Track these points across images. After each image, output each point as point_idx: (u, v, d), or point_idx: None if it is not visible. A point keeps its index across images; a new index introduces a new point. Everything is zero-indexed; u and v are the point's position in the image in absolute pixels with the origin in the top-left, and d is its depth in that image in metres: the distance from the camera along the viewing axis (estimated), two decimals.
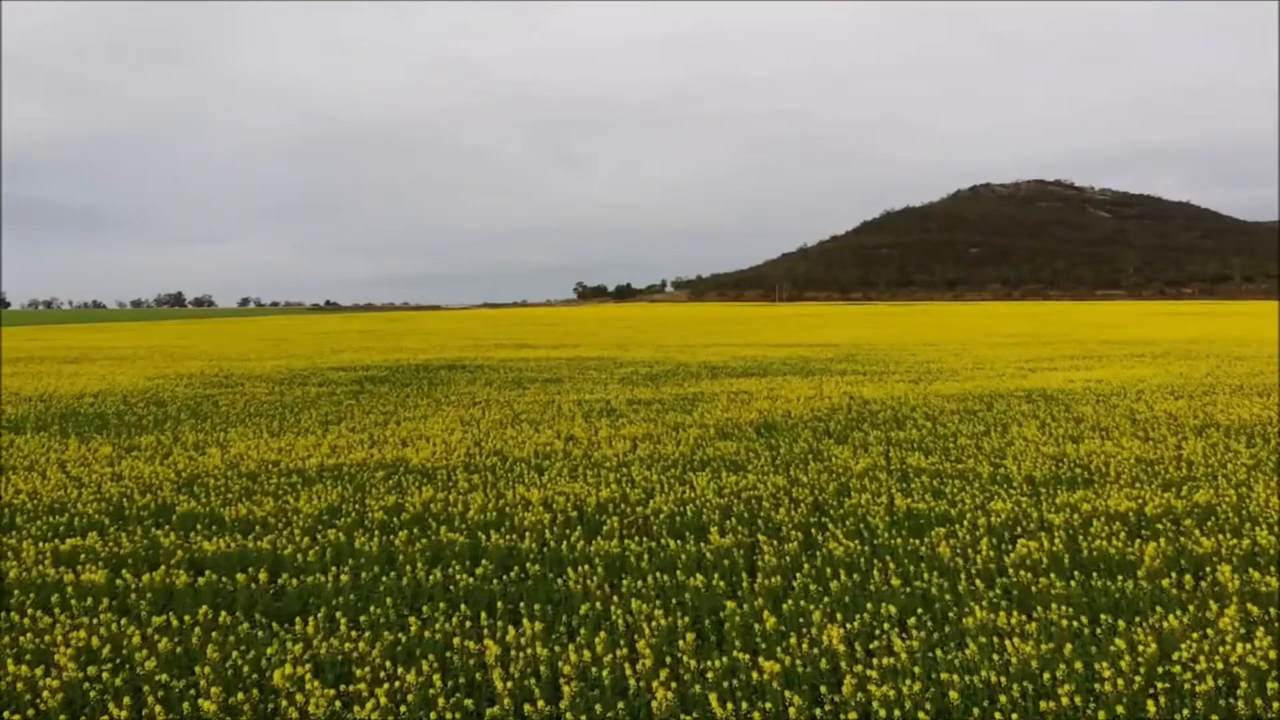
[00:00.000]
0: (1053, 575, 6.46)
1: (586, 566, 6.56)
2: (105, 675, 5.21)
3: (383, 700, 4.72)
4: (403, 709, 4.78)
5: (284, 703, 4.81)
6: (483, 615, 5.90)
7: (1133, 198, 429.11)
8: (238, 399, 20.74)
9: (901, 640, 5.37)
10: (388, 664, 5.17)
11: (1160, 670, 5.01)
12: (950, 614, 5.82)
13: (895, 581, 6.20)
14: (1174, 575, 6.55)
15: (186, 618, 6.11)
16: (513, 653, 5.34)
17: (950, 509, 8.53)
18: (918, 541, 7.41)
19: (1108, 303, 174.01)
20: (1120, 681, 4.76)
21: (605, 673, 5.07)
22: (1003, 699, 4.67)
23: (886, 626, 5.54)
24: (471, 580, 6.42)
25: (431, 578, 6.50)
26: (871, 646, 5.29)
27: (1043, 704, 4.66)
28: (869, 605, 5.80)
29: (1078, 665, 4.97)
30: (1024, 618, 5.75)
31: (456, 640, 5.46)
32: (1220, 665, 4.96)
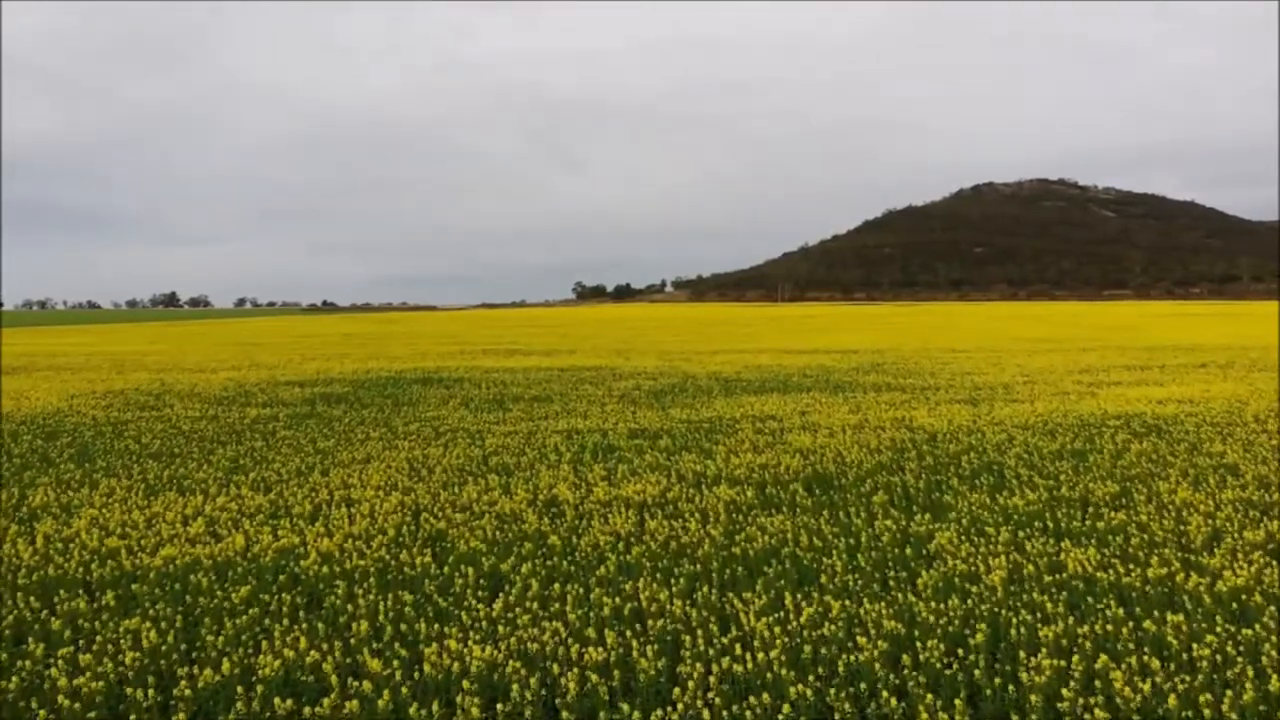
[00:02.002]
0: None
1: None
2: None
3: None
4: None
5: None
6: None
7: (1137, 197, 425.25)
8: (151, 428, 16.92)
9: None
10: None
11: None
12: None
13: None
14: None
15: None
16: None
17: (1204, 696, 4.70)
18: None
19: (1119, 303, 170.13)
20: None
21: None
22: None
23: None
24: None
25: None
26: None
27: None
28: None
29: None
30: None
31: None
32: None
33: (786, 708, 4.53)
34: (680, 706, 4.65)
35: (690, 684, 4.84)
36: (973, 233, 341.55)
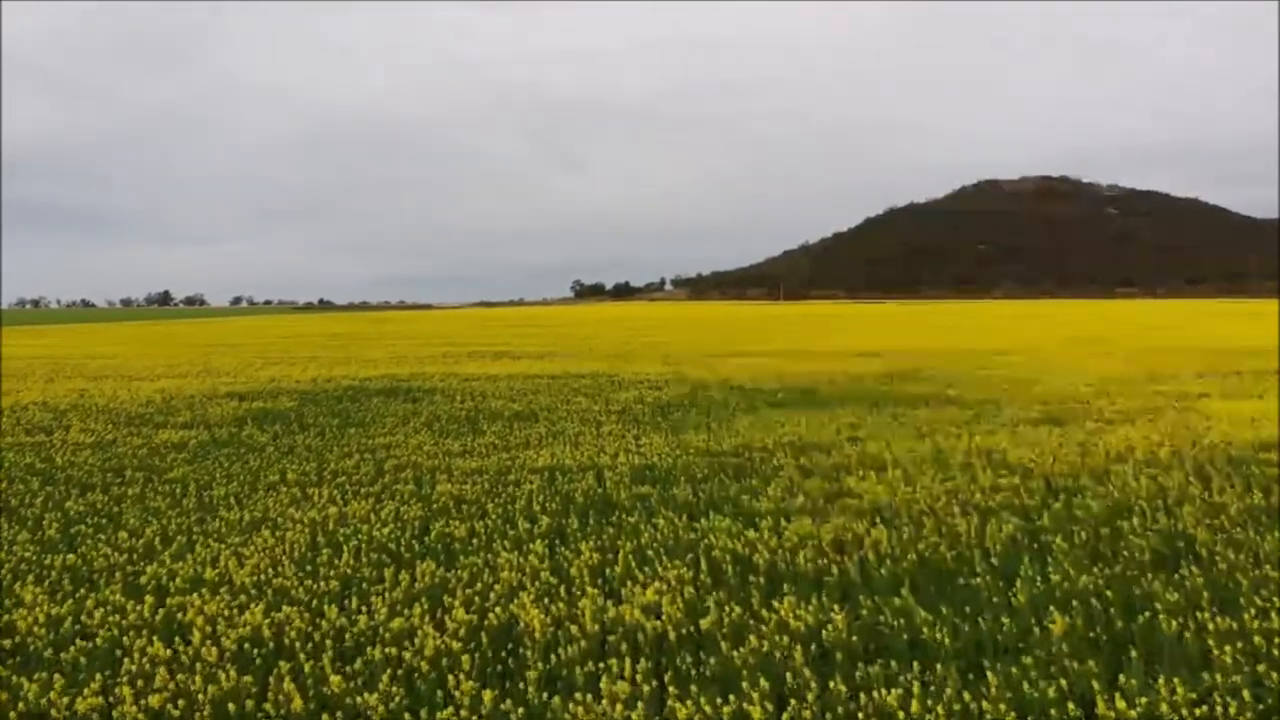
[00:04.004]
0: None
1: None
2: None
3: None
4: None
5: None
6: None
7: (1141, 194, 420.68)
8: (16, 461, 13.10)
9: None
10: None
11: None
12: None
13: None
14: None
15: None
16: None
17: None
18: None
19: (1132, 301, 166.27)
20: None
21: None
22: None
23: None
24: None
25: None
26: None
27: None
28: None
29: None
30: None
31: None
32: None
33: None
34: None
35: None
36: (976, 230, 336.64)
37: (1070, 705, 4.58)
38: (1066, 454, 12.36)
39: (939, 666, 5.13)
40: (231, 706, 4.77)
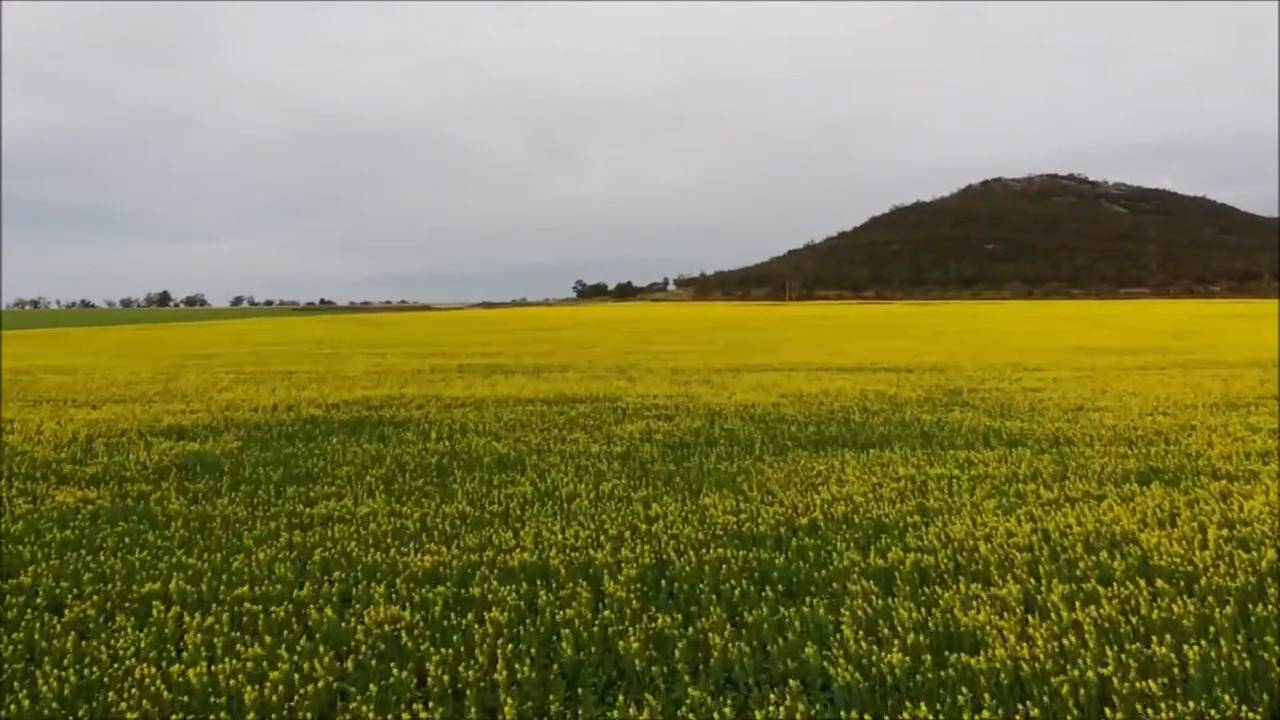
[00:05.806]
0: None
1: None
2: None
3: None
4: None
5: None
6: None
7: (1147, 192, 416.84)
8: None
9: None
10: None
11: None
12: None
13: None
14: None
15: None
16: None
17: None
18: None
19: (1145, 302, 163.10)
20: None
21: None
22: None
23: None
24: None
25: None
26: None
27: None
28: None
29: None
30: None
31: None
32: None
33: None
34: None
35: None
36: (983, 229, 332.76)
37: None
38: (1217, 540, 9.28)
39: None
40: None
